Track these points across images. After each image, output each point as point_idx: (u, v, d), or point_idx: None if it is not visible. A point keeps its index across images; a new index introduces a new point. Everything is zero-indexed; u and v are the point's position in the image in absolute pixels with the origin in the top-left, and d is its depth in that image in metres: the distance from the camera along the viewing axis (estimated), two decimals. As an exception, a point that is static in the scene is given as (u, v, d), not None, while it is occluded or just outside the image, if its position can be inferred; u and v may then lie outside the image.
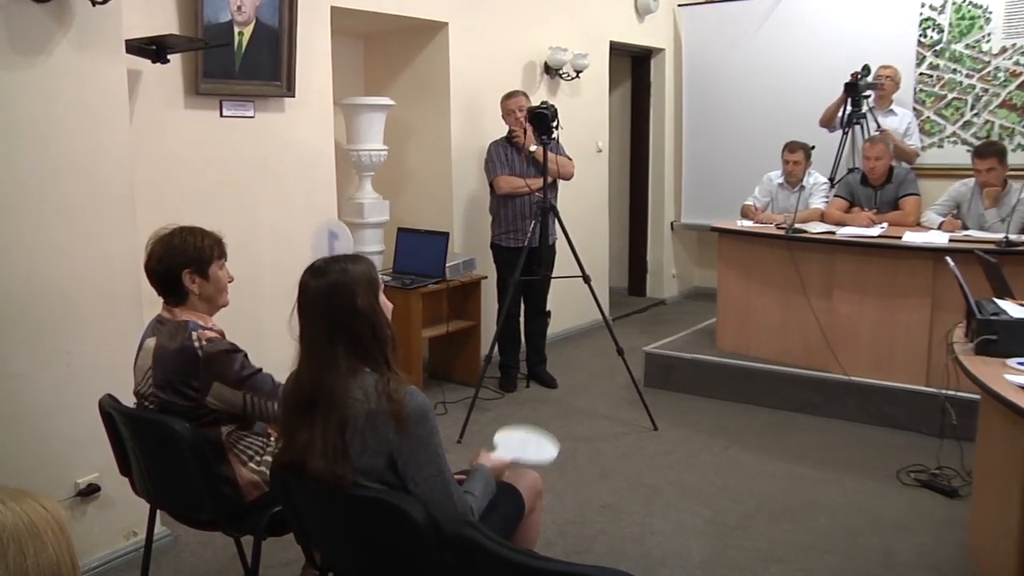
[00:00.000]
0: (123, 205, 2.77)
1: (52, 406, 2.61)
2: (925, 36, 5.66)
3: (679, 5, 6.70)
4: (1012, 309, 2.66)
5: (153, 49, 2.99)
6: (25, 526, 0.94)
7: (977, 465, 2.92)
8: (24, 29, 2.47)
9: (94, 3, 2.56)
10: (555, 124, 4.14)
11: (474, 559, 1.51)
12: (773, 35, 6.18)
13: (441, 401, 4.36)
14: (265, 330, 3.51)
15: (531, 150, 4.47)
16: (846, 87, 4.85)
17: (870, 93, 4.96)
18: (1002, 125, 5.47)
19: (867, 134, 4.82)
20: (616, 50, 6.27)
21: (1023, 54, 5.34)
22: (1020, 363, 2.43)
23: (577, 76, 5.66)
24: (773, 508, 3.23)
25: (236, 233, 2.53)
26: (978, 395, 2.72)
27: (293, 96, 3.70)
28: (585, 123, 5.83)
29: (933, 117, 5.71)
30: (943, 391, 3.05)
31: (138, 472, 2.27)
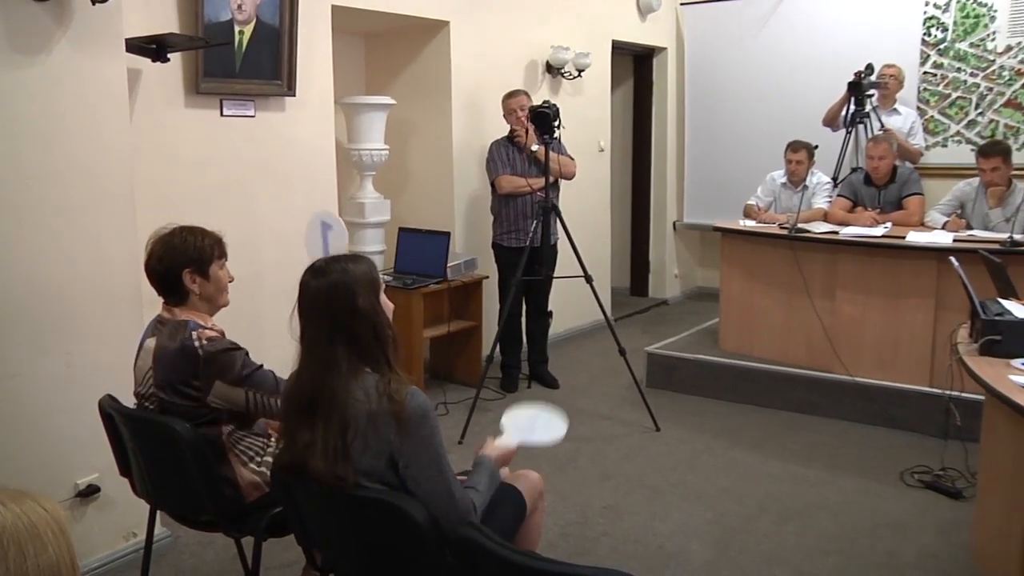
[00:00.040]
0: (123, 205, 2.77)
1: (52, 406, 2.61)
2: (929, 35, 5.64)
3: (681, 4, 6.69)
4: (1017, 309, 2.65)
5: (153, 48, 2.98)
6: (25, 527, 0.94)
7: (981, 466, 2.91)
8: (24, 28, 2.46)
9: (94, 2, 2.55)
10: (557, 123, 4.13)
11: (475, 560, 1.51)
12: (776, 34, 6.17)
13: (442, 402, 4.35)
14: (265, 330, 3.50)
15: (533, 149, 4.46)
16: (850, 86, 4.83)
17: (874, 92, 4.95)
18: (1007, 124, 5.45)
19: (871, 133, 4.81)
20: (618, 49, 6.25)
21: (1028, 53, 5.34)
22: (1025, 364, 2.41)
23: (579, 75, 5.64)
24: (776, 509, 3.22)
25: (236, 233, 2.53)
26: (982, 396, 2.71)
27: (294, 95, 3.69)
28: (587, 122, 5.82)
29: (937, 116, 5.69)
30: (947, 392, 3.04)
31: (138, 473, 2.27)
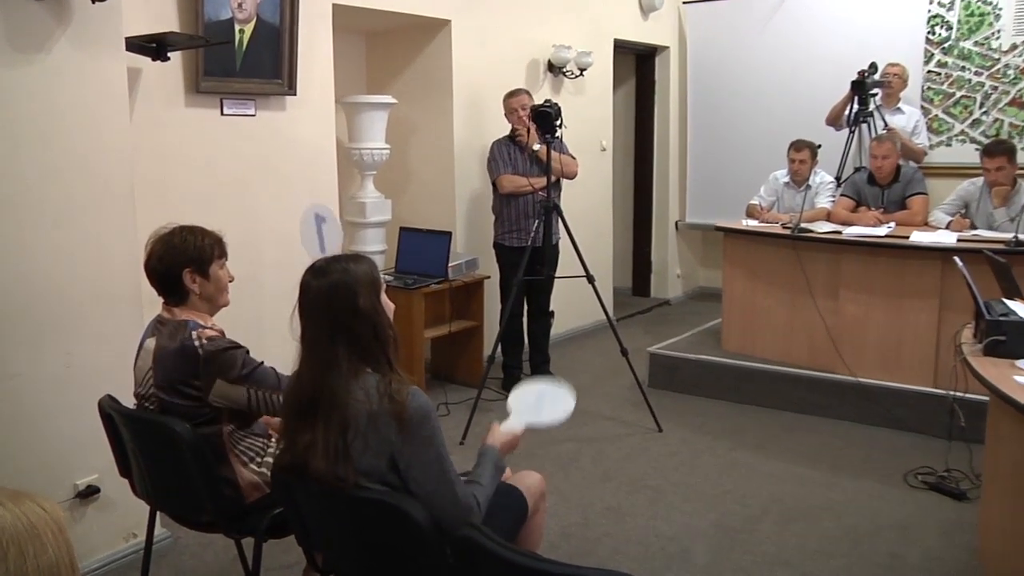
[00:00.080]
0: (123, 204, 2.76)
1: (52, 406, 2.60)
2: (933, 33, 5.63)
3: (684, 2, 6.68)
4: (1021, 310, 2.63)
5: (153, 47, 2.97)
6: (24, 528, 0.93)
7: (986, 467, 2.89)
8: (24, 27, 2.46)
9: (94, 0, 2.54)
10: (558, 122, 4.12)
11: (476, 561, 1.50)
12: (779, 32, 6.15)
13: (443, 402, 4.34)
14: (266, 330, 3.49)
15: (534, 149, 4.44)
16: (853, 85, 4.82)
17: (877, 91, 4.93)
18: (1011, 123, 5.43)
19: (874, 133, 4.80)
20: (620, 48, 6.24)
21: (1032, 52, 5.32)
22: (1030, 364, 2.40)
23: (581, 74, 5.63)
24: (778, 511, 3.21)
25: (237, 232, 2.52)
26: (987, 397, 2.69)
27: (294, 94, 3.68)
28: (589, 121, 5.81)
29: (941, 115, 5.67)
30: (951, 392, 3.02)
31: (138, 473, 2.26)
